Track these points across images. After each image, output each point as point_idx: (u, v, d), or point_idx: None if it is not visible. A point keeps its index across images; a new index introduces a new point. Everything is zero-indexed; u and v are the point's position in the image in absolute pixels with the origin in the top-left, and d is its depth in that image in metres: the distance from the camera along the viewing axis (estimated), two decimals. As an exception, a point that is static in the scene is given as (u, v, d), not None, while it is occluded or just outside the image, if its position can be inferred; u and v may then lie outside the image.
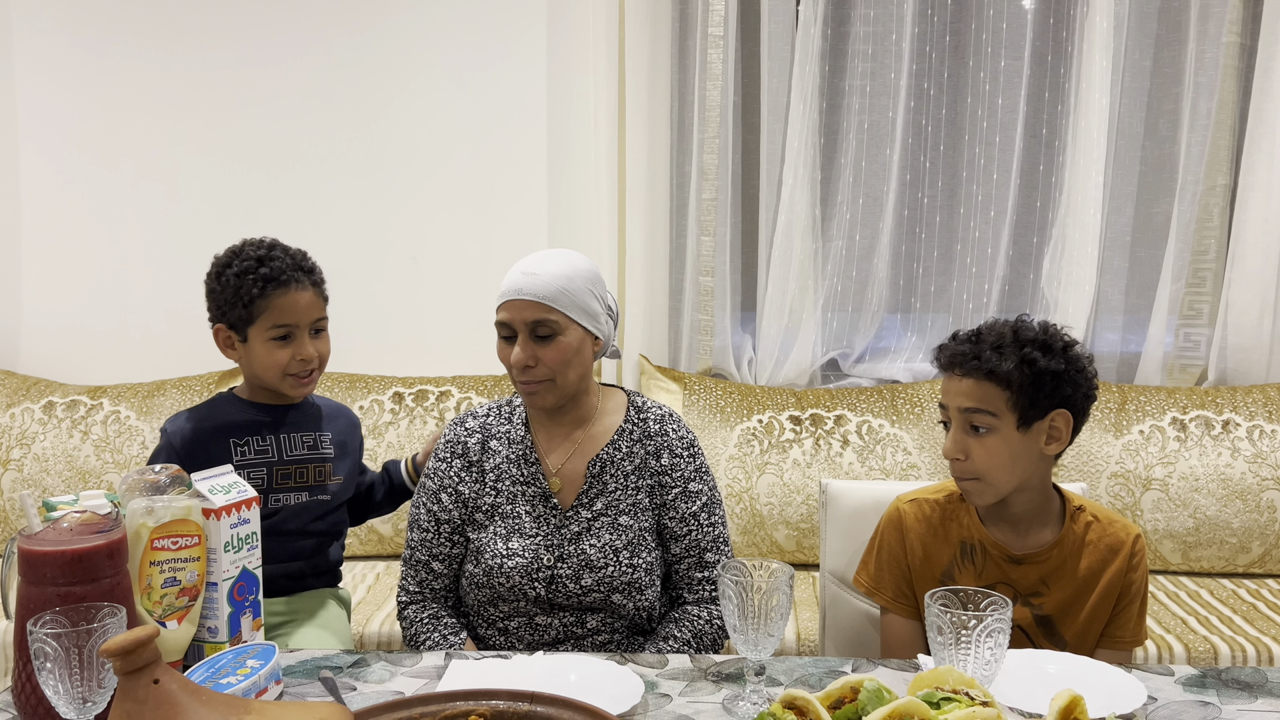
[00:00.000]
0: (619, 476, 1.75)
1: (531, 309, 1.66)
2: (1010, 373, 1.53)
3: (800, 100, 2.90)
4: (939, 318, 3.10)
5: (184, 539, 1.39)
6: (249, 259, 1.77)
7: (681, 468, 1.77)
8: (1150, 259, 2.98)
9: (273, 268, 1.76)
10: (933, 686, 1.17)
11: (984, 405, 1.55)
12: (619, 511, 1.74)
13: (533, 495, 1.76)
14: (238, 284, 1.76)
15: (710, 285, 3.03)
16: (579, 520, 1.74)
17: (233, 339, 1.81)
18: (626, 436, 1.77)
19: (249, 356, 1.80)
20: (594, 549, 1.71)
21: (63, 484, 2.84)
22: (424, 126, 3.06)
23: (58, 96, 3.09)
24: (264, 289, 1.75)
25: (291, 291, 1.77)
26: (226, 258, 1.81)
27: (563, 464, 1.77)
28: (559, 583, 1.71)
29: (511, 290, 1.67)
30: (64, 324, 3.18)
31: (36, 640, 1.11)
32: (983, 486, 1.58)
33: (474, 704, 1.15)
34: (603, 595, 1.71)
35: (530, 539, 1.73)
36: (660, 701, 1.35)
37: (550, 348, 1.67)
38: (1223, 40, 2.78)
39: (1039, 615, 1.64)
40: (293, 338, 1.78)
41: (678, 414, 1.84)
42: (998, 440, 1.56)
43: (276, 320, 1.77)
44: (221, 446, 1.81)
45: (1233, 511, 2.66)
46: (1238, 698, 1.36)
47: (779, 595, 1.30)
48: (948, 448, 1.60)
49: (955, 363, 1.59)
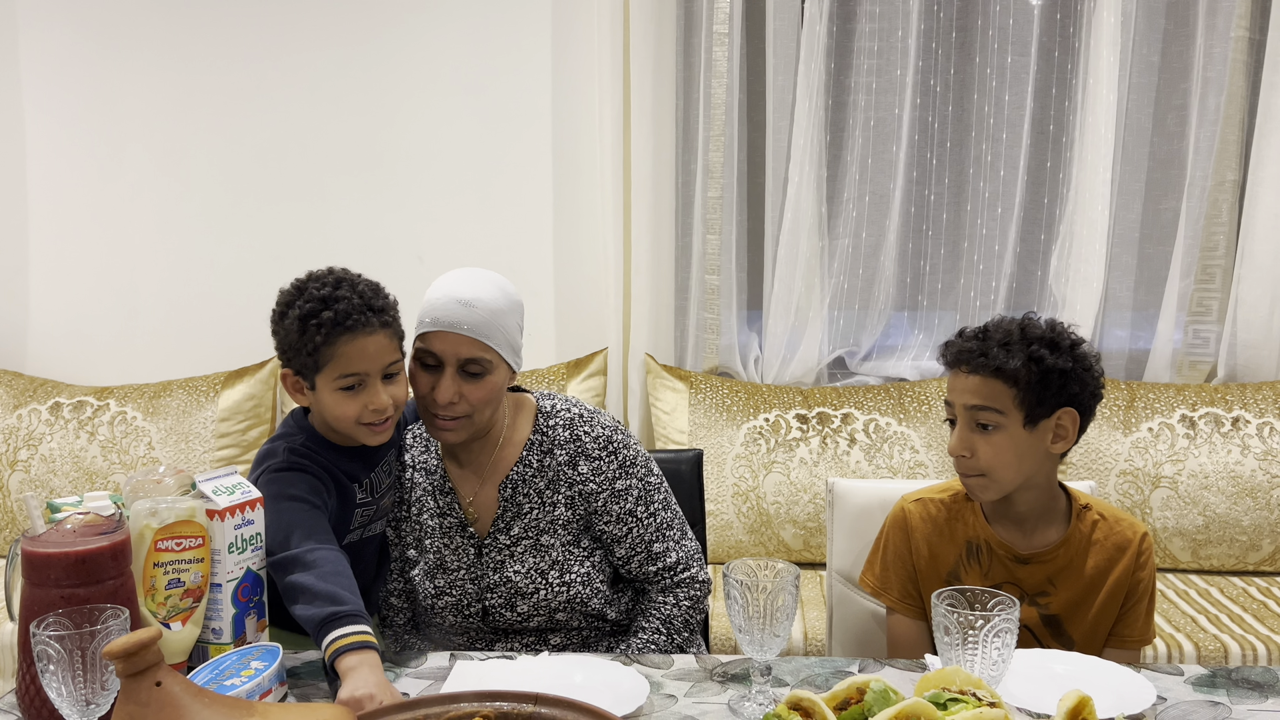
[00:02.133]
0: (532, 495, 1.66)
1: (468, 345, 1.56)
2: (1017, 370, 1.52)
3: (806, 98, 2.89)
4: (946, 315, 3.08)
5: (188, 540, 1.38)
6: (313, 299, 1.54)
7: (603, 470, 1.66)
8: (1159, 255, 2.96)
9: (338, 311, 1.53)
10: (940, 687, 1.16)
11: (990, 403, 1.54)
12: (539, 532, 1.65)
13: (449, 527, 1.69)
14: (300, 329, 1.54)
15: (716, 284, 3.02)
16: (498, 548, 1.66)
17: (301, 384, 1.61)
18: (535, 450, 1.67)
19: (319, 405, 1.61)
20: (519, 575, 1.64)
21: (70, 485, 2.84)
22: (428, 126, 3.06)
23: (64, 99, 3.10)
24: (329, 335, 1.53)
25: (360, 338, 1.54)
26: (289, 295, 1.58)
27: (477, 491, 1.69)
28: (494, 613, 1.66)
29: (447, 322, 1.56)
30: (71, 325, 3.19)
31: (40, 642, 1.11)
32: (987, 483, 1.57)
33: (478, 705, 1.14)
34: (545, 617, 1.65)
35: (453, 574, 1.68)
36: (665, 702, 1.34)
37: (478, 386, 1.58)
38: (1231, 35, 2.77)
39: (1046, 615, 1.63)
40: (364, 385, 1.56)
41: (591, 409, 1.71)
42: (1004, 438, 1.55)
43: (344, 370, 1.55)
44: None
45: (1243, 509, 2.64)
46: (1248, 697, 1.35)
47: (784, 595, 1.30)
48: (953, 445, 1.59)
49: (962, 360, 1.58)
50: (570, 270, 3.08)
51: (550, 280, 3.09)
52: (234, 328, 3.07)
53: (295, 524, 1.51)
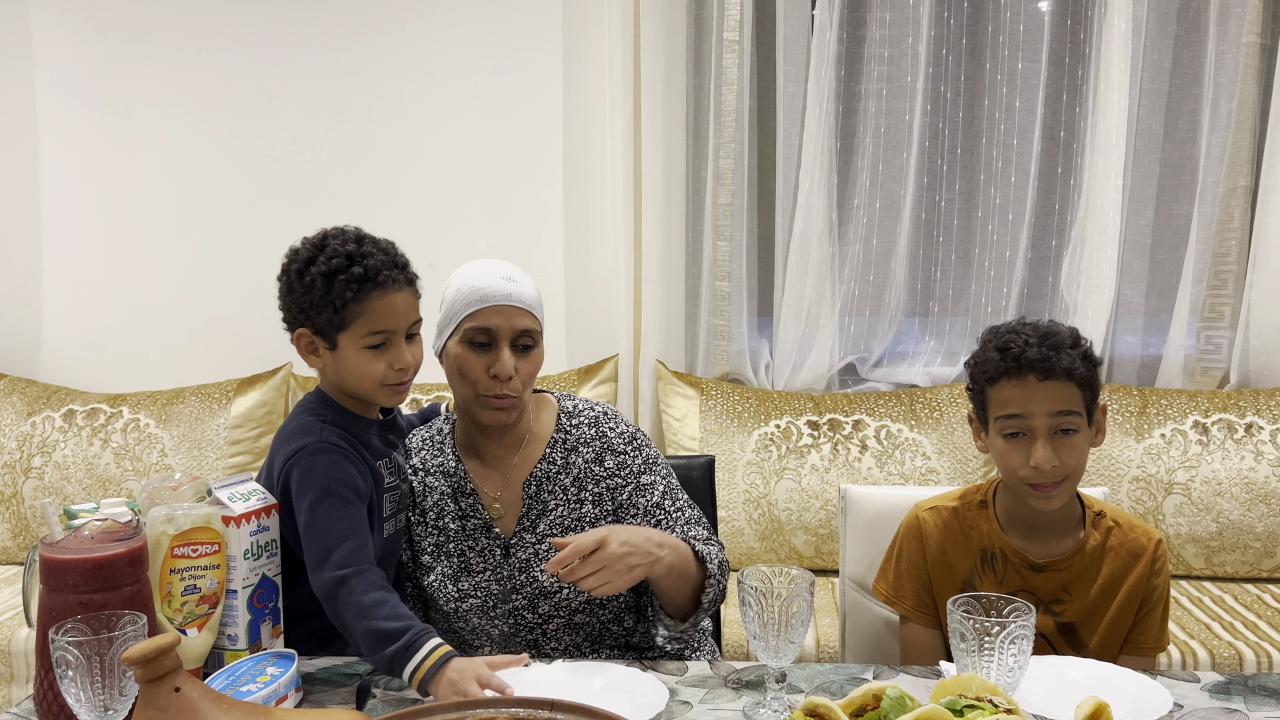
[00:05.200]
0: (557, 493, 1.65)
1: (522, 316, 1.59)
2: (1080, 370, 1.54)
3: (816, 104, 2.89)
4: (957, 321, 3.08)
5: (204, 546, 1.39)
6: (338, 255, 1.52)
7: (629, 464, 1.66)
8: (1171, 261, 2.95)
9: (368, 267, 1.51)
10: (956, 694, 1.16)
11: (1073, 407, 1.54)
12: (564, 529, 1.64)
13: (474, 528, 1.67)
14: (326, 285, 1.50)
15: (727, 290, 3.02)
16: (524, 546, 1.65)
17: (318, 345, 1.56)
18: (560, 447, 1.67)
19: (338, 365, 1.56)
20: (545, 574, 1.62)
21: (83, 492, 2.86)
22: (440, 133, 3.07)
23: (77, 106, 3.12)
24: (359, 291, 1.51)
25: (389, 294, 1.53)
26: (309, 252, 1.54)
27: (501, 489, 1.67)
28: (518, 615, 1.64)
29: (500, 295, 1.58)
30: (83, 333, 3.21)
31: (58, 648, 1.11)
32: (1068, 487, 1.57)
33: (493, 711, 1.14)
34: (564, 619, 1.64)
35: (479, 575, 1.66)
36: (681, 709, 1.34)
37: (529, 360, 1.60)
38: (1243, 40, 2.76)
39: (1061, 623, 1.62)
40: (389, 344, 1.54)
41: (613, 409, 1.73)
42: (1082, 440, 1.56)
43: (373, 326, 1.52)
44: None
45: (1256, 515, 2.63)
46: (1265, 704, 1.35)
47: (799, 602, 1.29)
48: (1042, 457, 1.51)
49: (1034, 367, 1.52)
50: (581, 277, 3.09)
51: (561, 286, 3.09)
52: (247, 335, 3.08)
53: (344, 533, 1.47)
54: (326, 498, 1.49)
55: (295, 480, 1.51)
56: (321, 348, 1.56)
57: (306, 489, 1.49)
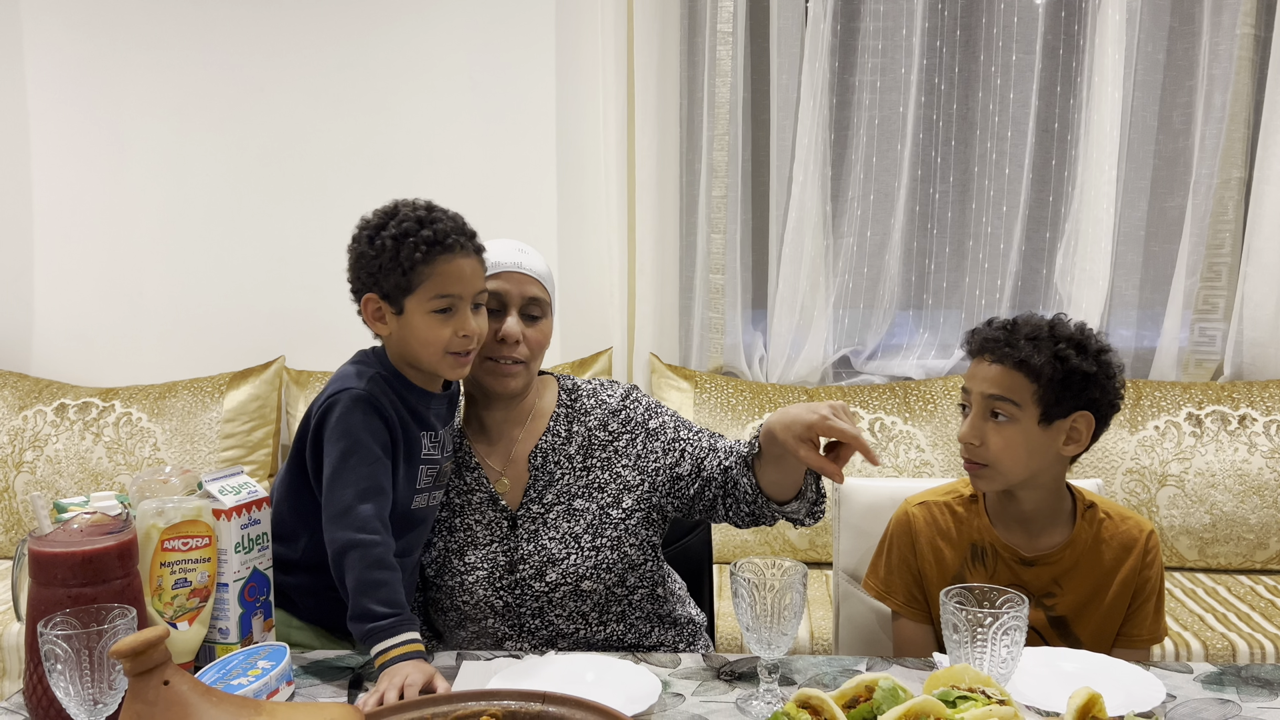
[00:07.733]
0: (563, 462, 1.68)
1: (531, 284, 1.65)
2: (1041, 365, 1.52)
3: (810, 96, 2.89)
4: (951, 314, 3.08)
5: (194, 540, 1.38)
6: (408, 220, 1.54)
7: (633, 416, 1.69)
8: (1164, 253, 2.96)
9: (436, 230, 1.54)
10: (949, 685, 1.16)
11: (1008, 394, 1.54)
12: (572, 496, 1.67)
13: (480, 502, 1.68)
14: (395, 248, 1.52)
15: (721, 283, 3.02)
16: (531, 517, 1.67)
17: (384, 311, 1.56)
18: (562, 420, 1.70)
19: (404, 330, 1.55)
20: (554, 541, 1.64)
21: (75, 486, 2.85)
22: (433, 125, 3.06)
23: (68, 100, 3.10)
24: (428, 254, 1.52)
25: (457, 258, 1.54)
26: (379, 219, 1.57)
27: (506, 463, 1.70)
28: (524, 585, 1.65)
29: (510, 263, 1.64)
30: (75, 326, 3.19)
31: (47, 642, 1.11)
32: (991, 474, 1.57)
33: (486, 704, 1.14)
34: (571, 586, 1.64)
35: (485, 548, 1.67)
36: (674, 701, 1.34)
37: (537, 329, 1.65)
38: (1236, 32, 2.76)
39: (1053, 617, 1.62)
40: (455, 310, 1.54)
41: (606, 378, 1.77)
42: (1016, 431, 1.54)
43: (440, 290, 1.53)
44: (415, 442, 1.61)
45: (1250, 507, 2.63)
46: (1258, 695, 1.35)
47: (792, 594, 1.29)
48: (964, 431, 1.58)
49: (986, 348, 1.57)
50: (574, 270, 3.08)
51: (555, 280, 3.08)
52: (239, 329, 3.07)
53: (368, 493, 1.48)
54: (358, 449, 1.50)
55: (331, 421, 1.52)
56: (388, 313, 1.56)
57: (340, 435, 1.51)
